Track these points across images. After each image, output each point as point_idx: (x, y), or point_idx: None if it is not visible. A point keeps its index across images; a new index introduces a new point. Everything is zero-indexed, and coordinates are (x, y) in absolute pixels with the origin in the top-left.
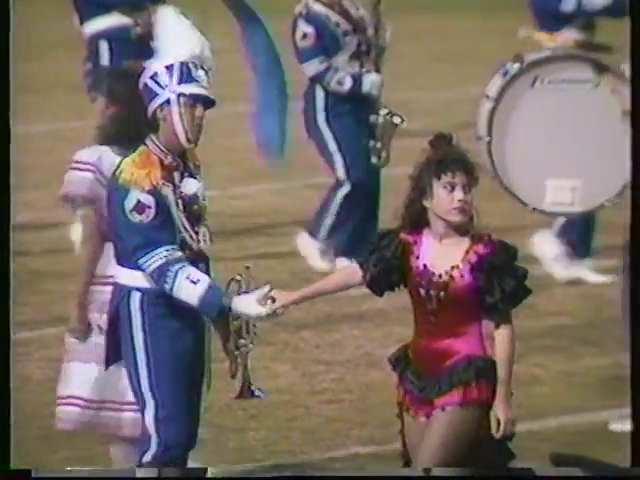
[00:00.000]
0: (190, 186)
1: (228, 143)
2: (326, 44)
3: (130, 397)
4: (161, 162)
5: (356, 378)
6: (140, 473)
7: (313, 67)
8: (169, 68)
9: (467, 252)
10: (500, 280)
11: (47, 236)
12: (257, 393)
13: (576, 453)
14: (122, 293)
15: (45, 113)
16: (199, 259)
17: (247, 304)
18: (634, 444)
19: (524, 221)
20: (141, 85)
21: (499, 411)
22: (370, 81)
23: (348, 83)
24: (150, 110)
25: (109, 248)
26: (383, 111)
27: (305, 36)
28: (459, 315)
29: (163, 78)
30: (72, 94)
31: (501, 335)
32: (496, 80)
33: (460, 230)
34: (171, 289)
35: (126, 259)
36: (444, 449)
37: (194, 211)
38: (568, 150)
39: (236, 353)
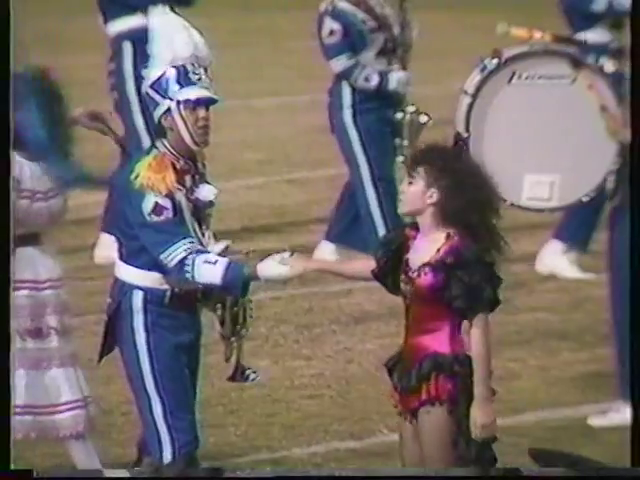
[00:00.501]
0: (207, 192)
1: (212, 139)
2: (353, 41)
3: (63, 398)
4: (174, 166)
5: (335, 373)
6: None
7: (340, 63)
8: (166, 74)
9: (438, 249)
10: (461, 278)
11: None
12: (252, 377)
13: (555, 448)
14: (124, 290)
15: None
16: None
17: (270, 267)
18: (634, 444)
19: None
20: (143, 94)
21: (474, 412)
22: (397, 78)
23: (375, 80)
24: (155, 118)
25: (22, 252)
26: (410, 109)
27: (332, 32)
28: (427, 311)
29: (162, 86)
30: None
31: (472, 335)
32: (474, 76)
33: (434, 227)
34: (193, 277)
35: (133, 257)
36: (423, 451)
37: (204, 216)
38: (546, 145)
39: (232, 339)
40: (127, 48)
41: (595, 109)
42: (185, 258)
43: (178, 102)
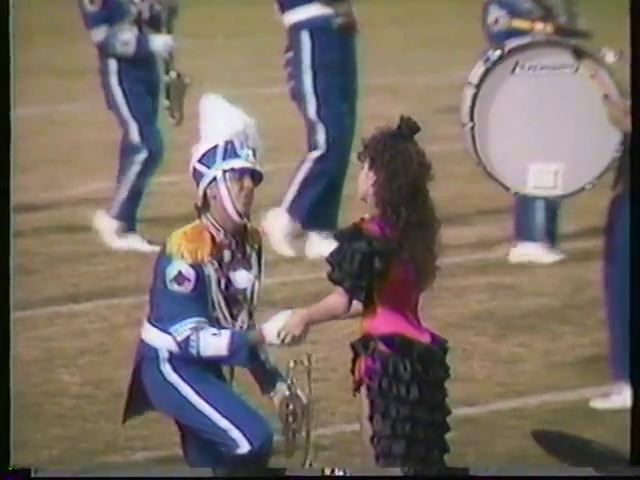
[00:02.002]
0: (242, 279)
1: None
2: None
3: None
4: (213, 239)
5: (342, 357)
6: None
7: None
8: (214, 148)
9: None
10: (351, 259)
11: (39, 217)
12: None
13: (558, 430)
14: (148, 351)
15: (34, 96)
16: None
17: (276, 329)
18: (634, 444)
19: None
20: (191, 170)
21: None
22: (160, 42)
23: (133, 44)
24: (201, 192)
25: None
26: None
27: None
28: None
29: (209, 159)
30: (62, 78)
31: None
32: (478, 67)
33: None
34: (198, 352)
35: (159, 321)
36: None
37: (237, 299)
38: (549, 134)
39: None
40: (305, 37)
41: (598, 98)
42: (190, 335)
43: (224, 171)
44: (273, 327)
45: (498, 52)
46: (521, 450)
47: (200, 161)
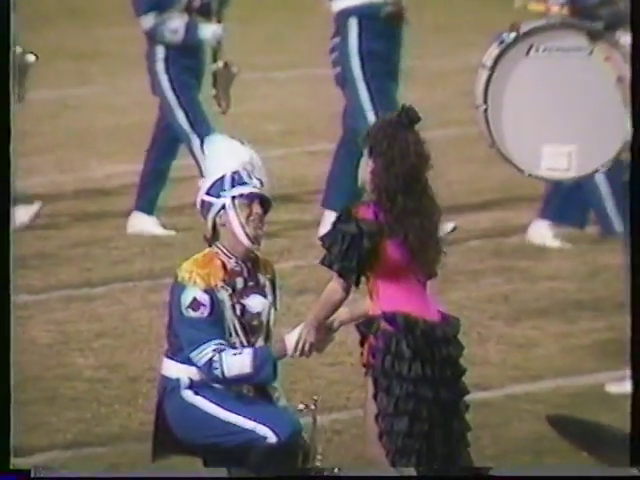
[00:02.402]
0: (255, 303)
1: (232, 111)
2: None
3: None
4: (224, 266)
5: (356, 341)
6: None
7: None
8: (222, 179)
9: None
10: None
11: (54, 201)
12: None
13: (572, 415)
14: (168, 383)
15: (49, 80)
16: None
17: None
18: (634, 444)
19: (521, 187)
20: (198, 204)
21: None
22: (210, 30)
23: (181, 32)
24: (210, 222)
25: None
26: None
27: None
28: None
29: (217, 189)
30: (77, 61)
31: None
32: (492, 49)
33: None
34: (222, 372)
35: (177, 353)
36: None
37: (253, 324)
38: (563, 116)
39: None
40: (353, 24)
41: (612, 81)
42: (213, 357)
43: (232, 198)
44: (293, 338)
45: (513, 34)
46: (535, 434)
47: (208, 193)
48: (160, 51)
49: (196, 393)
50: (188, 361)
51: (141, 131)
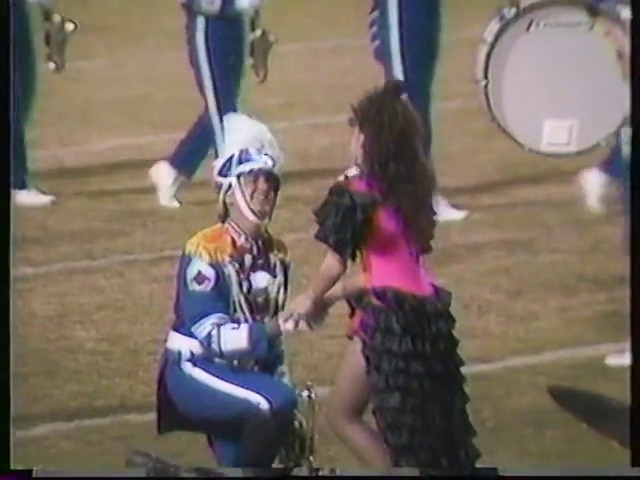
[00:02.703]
0: (260, 279)
1: None
2: None
3: None
4: (233, 242)
5: None
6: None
7: None
8: (230, 158)
9: None
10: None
11: (55, 174)
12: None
13: (573, 386)
14: (170, 355)
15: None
16: None
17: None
18: (634, 444)
19: (522, 162)
20: (213, 185)
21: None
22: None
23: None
24: (220, 201)
25: None
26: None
27: None
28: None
29: (226, 169)
30: (78, 35)
31: None
32: (493, 25)
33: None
34: (219, 346)
35: (181, 325)
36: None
37: (258, 301)
38: (564, 91)
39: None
40: (392, 3)
41: (612, 55)
42: (211, 331)
43: (238, 176)
44: (286, 315)
45: (513, 10)
46: (536, 406)
47: (219, 173)
48: (200, 22)
49: (195, 365)
50: (191, 334)
51: (143, 104)
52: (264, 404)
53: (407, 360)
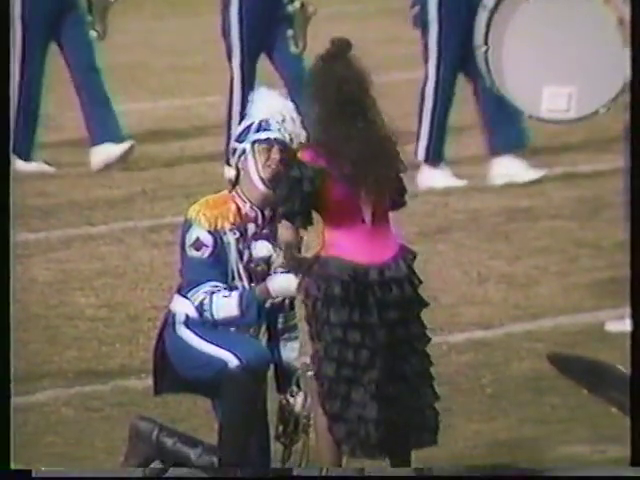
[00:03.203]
0: (261, 248)
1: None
2: None
3: None
4: (238, 210)
5: None
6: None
7: None
8: (249, 126)
9: None
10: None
11: (48, 137)
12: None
13: (573, 352)
14: (170, 317)
15: None
16: None
17: (280, 281)
18: (634, 444)
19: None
20: (231, 152)
21: None
22: None
23: None
24: (234, 167)
25: None
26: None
27: None
28: None
29: (244, 135)
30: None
31: None
32: None
33: None
34: (212, 314)
35: (183, 289)
36: None
37: (257, 270)
38: (563, 58)
39: (290, 443)
40: None
41: (612, 23)
42: (204, 299)
43: (253, 143)
44: (277, 280)
45: None
46: (535, 372)
47: (237, 139)
48: None
49: (187, 327)
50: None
51: (143, 71)
52: (233, 361)
53: (345, 330)
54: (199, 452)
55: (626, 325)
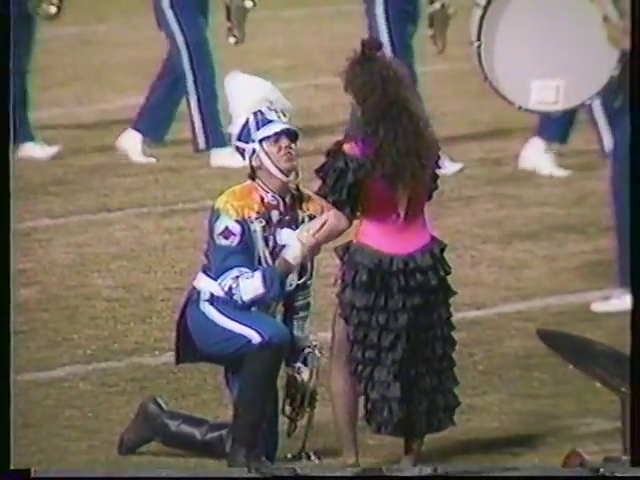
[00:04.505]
0: (283, 236)
1: (241, 47)
2: None
3: None
4: (262, 199)
5: None
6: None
7: None
8: (246, 123)
9: None
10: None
11: (72, 132)
12: (312, 458)
13: (561, 330)
14: (194, 294)
15: (69, 17)
16: None
17: (294, 249)
18: (634, 445)
19: (512, 119)
20: (234, 149)
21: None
22: None
23: None
24: (248, 164)
25: None
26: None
27: None
28: None
29: (245, 134)
30: (95, 2)
31: None
32: None
33: None
34: (240, 298)
35: (210, 269)
36: None
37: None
38: (552, 53)
39: (296, 416)
40: None
41: (598, 20)
42: (232, 285)
43: (260, 141)
44: (292, 251)
45: None
46: (525, 350)
47: (239, 139)
48: None
49: (211, 304)
50: (215, 278)
51: (154, 65)
52: (256, 338)
53: (370, 314)
54: (204, 430)
55: (610, 305)
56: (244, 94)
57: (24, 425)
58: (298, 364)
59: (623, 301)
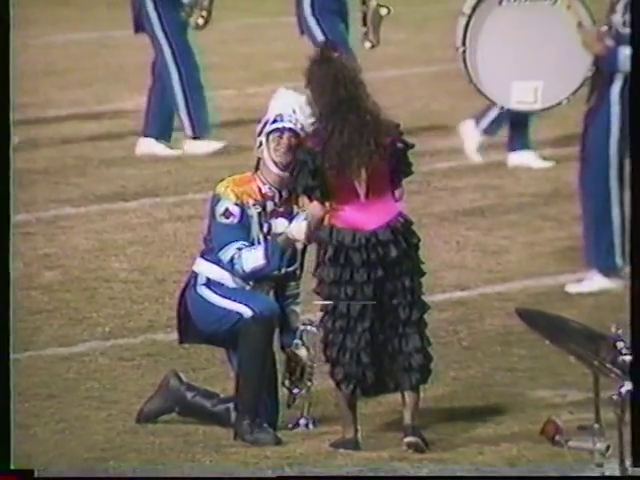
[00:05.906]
0: (277, 224)
1: (245, 50)
2: None
3: None
4: (259, 189)
5: None
6: None
7: None
8: (266, 121)
9: None
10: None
11: (91, 126)
12: (310, 427)
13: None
14: (192, 278)
15: (90, 24)
16: None
17: (298, 226)
18: (634, 445)
19: None
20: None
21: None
22: None
23: None
24: (255, 156)
25: None
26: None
27: None
28: None
29: (260, 130)
30: (111, 8)
31: None
32: None
33: None
34: (242, 267)
35: (208, 253)
36: None
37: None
38: (531, 56)
39: (294, 390)
40: None
41: (573, 26)
42: (234, 255)
43: (267, 134)
44: (295, 226)
45: None
46: (505, 328)
47: (258, 134)
48: None
49: (207, 287)
50: (213, 261)
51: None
52: (248, 312)
53: (338, 287)
54: (215, 402)
55: (584, 287)
56: (278, 102)
57: (48, 396)
58: (296, 340)
59: (594, 282)
